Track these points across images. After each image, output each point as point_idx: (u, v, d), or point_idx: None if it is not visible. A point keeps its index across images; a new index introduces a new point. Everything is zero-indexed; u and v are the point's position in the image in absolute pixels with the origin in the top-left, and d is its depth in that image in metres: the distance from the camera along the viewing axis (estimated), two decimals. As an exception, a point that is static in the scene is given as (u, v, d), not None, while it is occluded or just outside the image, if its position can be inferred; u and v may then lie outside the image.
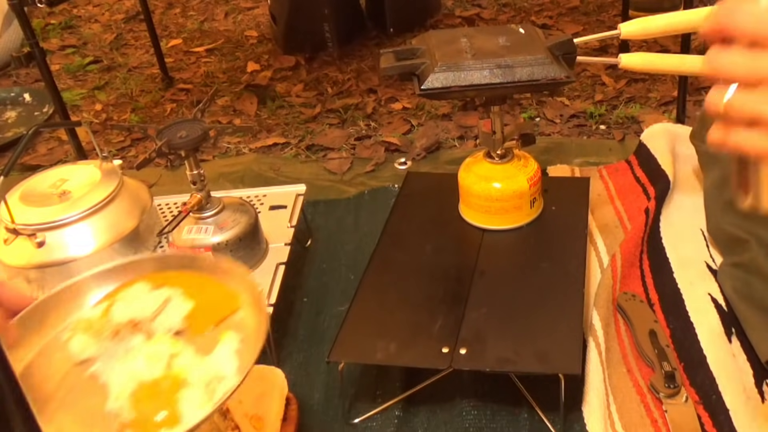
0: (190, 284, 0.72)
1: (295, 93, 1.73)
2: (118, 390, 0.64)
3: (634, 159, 1.31)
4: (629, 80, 1.59)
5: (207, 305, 0.70)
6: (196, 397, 0.62)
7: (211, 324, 0.69)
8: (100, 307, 0.72)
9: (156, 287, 0.72)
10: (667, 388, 0.87)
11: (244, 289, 0.71)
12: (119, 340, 0.68)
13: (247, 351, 0.65)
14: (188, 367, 0.65)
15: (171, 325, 0.69)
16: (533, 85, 0.92)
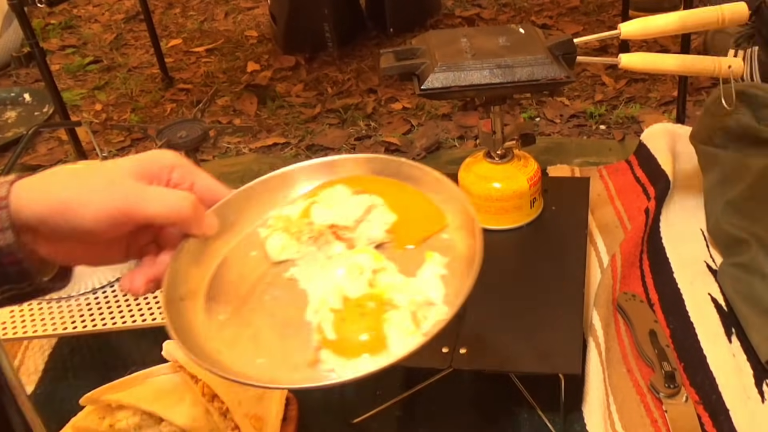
0: (393, 194, 0.66)
1: (295, 93, 1.73)
2: (318, 301, 0.59)
3: (634, 159, 1.31)
4: (629, 80, 1.59)
5: (410, 219, 0.64)
6: (404, 323, 0.56)
7: (414, 240, 0.62)
8: (298, 206, 0.66)
9: (357, 192, 0.66)
10: (667, 388, 0.87)
11: (453, 207, 0.64)
12: (320, 246, 0.63)
13: (454, 279, 0.59)
14: (393, 286, 0.59)
15: (373, 236, 0.63)
16: (533, 85, 0.92)
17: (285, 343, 0.58)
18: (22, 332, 0.96)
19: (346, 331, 0.56)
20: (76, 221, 0.52)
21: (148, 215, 0.54)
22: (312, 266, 0.62)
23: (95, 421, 0.80)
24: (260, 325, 0.59)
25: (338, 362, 0.55)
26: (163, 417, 0.78)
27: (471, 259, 0.59)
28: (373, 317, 0.57)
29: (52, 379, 1.00)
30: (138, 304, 0.98)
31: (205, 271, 0.62)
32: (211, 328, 0.58)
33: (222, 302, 0.61)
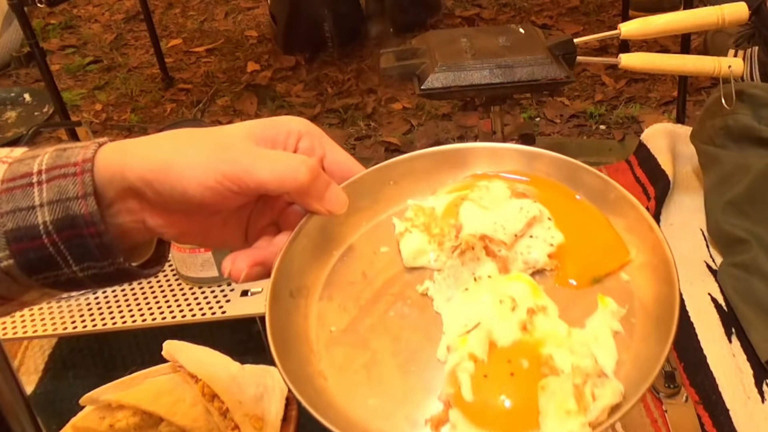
0: (563, 207, 0.52)
1: (295, 93, 1.73)
2: (454, 336, 0.46)
3: (634, 159, 1.31)
4: (629, 80, 1.60)
5: (582, 245, 0.50)
6: (564, 399, 0.42)
7: (581, 276, 0.49)
8: (445, 198, 0.54)
9: (517, 196, 0.53)
10: (667, 388, 0.87)
11: (639, 238, 0.50)
12: (465, 261, 0.50)
13: (631, 340, 0.45)
14: (553, 337, 0.45)
15: (532, 259, 0.50)
16: (533, 85, 0.92)
17: (407, 381, 0.46)
18: (22, 332, 0.96)
19: (487, 394, 0.43)
20: (180, 185, 0.45)
21: (258, 180, 0.45)
22: (453, 285, 0.50)
23: (95, 421, 0.80)
24: (380, 350, 0.48)
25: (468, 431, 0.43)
26: (163, 417, 0.78)
27: (656, 318, 0.45)
28: (525, 382, 0.43)
29: (52, 379, 1.00)
30: (138, 304, 0.98)
31: (324, 264, 0.52)
32: (320, 342, 0.48)
33: (337, 307, 0.50)
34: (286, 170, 0.46)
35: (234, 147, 0.47)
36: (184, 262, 0.99)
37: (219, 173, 0.45)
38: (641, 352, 0.44)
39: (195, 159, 0.45)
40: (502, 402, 0.43)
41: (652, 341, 0.43)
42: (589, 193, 0.53)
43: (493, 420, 0.42)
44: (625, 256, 0.50)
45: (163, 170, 0.45)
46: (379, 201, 0.55)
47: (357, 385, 0.46)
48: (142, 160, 0.45)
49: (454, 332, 0.46)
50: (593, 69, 1.65)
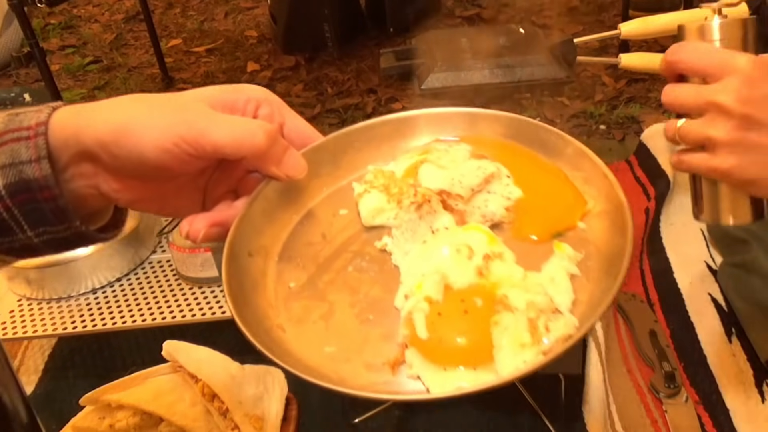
0: (522, 164, 0.54)
1: (295, 93, 1.73)
2: (411, 284, 0.47)
3: (634, 159, 1.31)
4: (629, 80, 1.59)
5: (540, 200, 0.52)
6: (518, 332, 0.43)
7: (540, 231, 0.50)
8: (405, 162, 0.55)
9: (477, 156, 0.54)
10: (667, 388, 0.87)
11: (596, 189, 0.52)
12: (423, 214, 0.51)
13: (588, 282, 0.46)
14: (509, 280, 0.46)
15: (489, 212, 0.51)
16: (533, 85, 0.92)
17: (364, 329, 0.47)
18: (22, 332, 0.96)
19: (441, 332, 0.44)
20: (136, 148, 0.44)
21: (215, 143, 0.45)
22: (410, 239, 0.51)
23: (95, 421, 0.80)
24: (338, 302, 0.48)
25: (426, 369, 0.44)
26: (163, 417, 0.78)
27: (610, 259, 0.46)
28: (479, 318, 0.44)
29: (52, 379, 1.00)
30: (138, 304, 0.98)
31: (283, 226, 0.52)
32: (278, 297, 0.49)
33: (296, 266, 0.51)
34: (244, 134, 0.46)
35: (191, 110, 0.46)
36: (184, 262, 0.99)
37: (176, 135, 0.44)
38: (596, 293, 0.45)
39: (152, 121, 0.45)
40: (456, 338, 0.43)
41: (602, 282, 0.46)
42: (548, 150, 0.55)
43: (447, 356, 0.43)
44: (583, 206, 0.51)
45: (120, 132, 0.44)
46: (340, 167, 0.56)
47: (315, 335, 0.46)
48: (99, 123, 0.45)
49: (411, 280, 0.48)
50: (593, 69, 1.64)
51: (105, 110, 0.46)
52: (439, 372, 0.43)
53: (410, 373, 0.44)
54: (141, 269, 1.05)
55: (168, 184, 0.49)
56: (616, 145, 1.39)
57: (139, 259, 1.05)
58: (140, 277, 1.03)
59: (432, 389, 0.42)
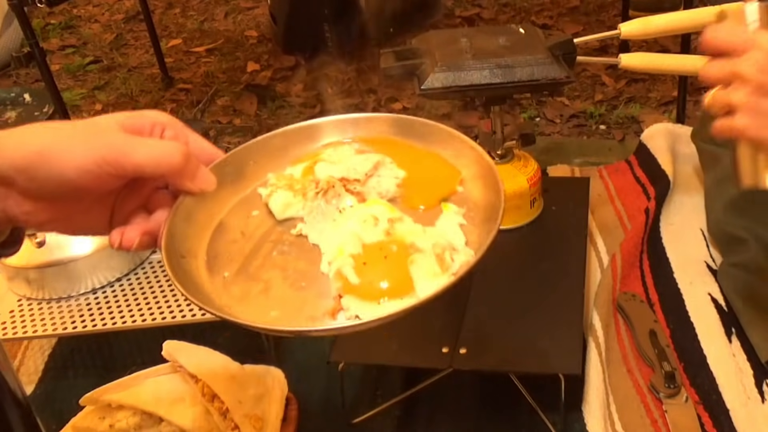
0: (401, 152, 0.64)
1: (295, 93, 1.73)
2: (333, 252, 0.56)
3: (634, 159, 1.31)
4: (629, 80, 1.60)
5: (422, 176, 0.62)
6: (430, 265, 0.54)
7: (427, 202, 0.61)
8: (302, 165, 0.63)
9: (360, 152, 0.64)
10: (667, 388, 0.87)
11: (467, 160, 0.63)
12: (329, 199, 0.60)
13: (474, 227, 0.58)
14: (412, 233, 0.56)
15: (383, 190, 0.61)
16: (533, 85, 0.92)
17: (300, 294, 0.54)
18: (22, 332, 0.96)
19: (369, 275, 0.53)
20: (57, 170, 0.48)
21: (136, 163, 0.50)
22: (321, 221, 0.59)
23: (95, 421, 0.80)
24: (271, 279, 0.56)
25: (362, 306, 0.52)
26: (163, 417, 0.78)
27: (488, 208, 0.58)
28: (397, 260, 0.54)
29: (52, 379, 1.00)
30: (138, 304, 0.98)
31: (203, 232, 0.59)
32: (217, 286, 0.55)
33: (225, 260, 0.58)
34: (162, 154, 0.51)
35: (110, 134, 0.50)
36: (184, 262, 0.99)
37: (98, 157, 0.48)
38: (482, 234, 0.57)
39: (73, 145, 0.48)
40: (383, 276, 0.53)
41: (485, 225, 0.57)
42: (423, 138, 0.65)
43: (378, 293, 0.53)
44: (458, 176, 0.62)
45: (41, 155, 0.47)
46: (244, 178, 0.62)
47: (258, 306, 0.53)
48: (16, 148, 0.48)
49: (331, 250, 0.56)
50: (593, 69, 1.64)
51: (20, 136, 0.49)
52: (373, 306, 0.52)
53: (348, 315, 0.52)
54: (141, 269, 1.05)
55: (78, 204, 0.53)
56: (616, 145, 1.39)
57: (139, 259, 1.05)
58: (140, 277, 1.03)
59: (369, 318, 0.51)
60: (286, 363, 0.98)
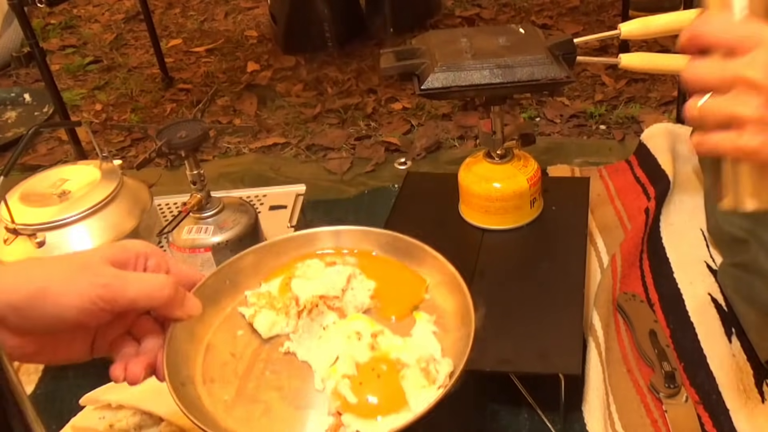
0: (366, 263, 0.69)
1: (295, 93, 1.73)
2: (324, 369, 0.61)
3: (634, 159, 1.31)
4: (629, 80, 1.59)
5: (390, 285, 0.67)
6: (418, 379, 0.59)
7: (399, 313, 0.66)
8: (274, 283, 0.67)
9: (329, 264, 0.69)
10: (667, 388, 0.87)
11: (429, 269, 0.68)
12: (314, 317, 0.64)
13: (446, 334, 0.63)
14: (395, 347, 0.62)
15: (359, 303, 0.66)
16: (533, 85, 0.92)
17: (301, 413, 0.59)
18: (22, 332, 0.96)
19: (365, 394, 0.58)
20: (55, 309, 0.51)
21: (130, 299, 0.54)
22: (308, 338, 0.64)
23: (95, 421, 0.80)
24: (270, 400, 0.60)
25: (363, 424, 0.57)
26: (163, 417, 0.78)
27: (457, 314, 0.63)
28: (388, 378, 0.59)
29: (52, 379, 1.00)
30: (138, 304, 0.98)
31: (196, 356, 0.63)
32: (218, 410, 0.59)
33: (222, 384, 0.61)
34: (154, 288, 0.55)
35: (101, 272, 0.54)
36: (184, 262, 0.99)
37: (95, 295, 0.52)
38: (456, 340, 0.62)
39: (69, 285, 0.52)
40: (378, 395, 0.59)
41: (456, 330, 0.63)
42: (383, 247, 0.70)
43: (375, 410, 0.58)
44: (424, 284, 0.67)
45: (38, 296, 0.50)
46: (222, 298, 0.67)
47: (264, 427, 0.58)
48: (12, 288, 0.50)
49: (322, 367, 0.61)
50: (593, 69, 1.64)
51: (13, 275, 0.52)
52: (372, 423, 0.57)
53: (350, 431, 0.57)
54: (141, 269, 1.05)
55: (64, 337, 0.56)
56: (616, 145, 1.39)
57: (139, 259, 1.05)
58: (140, 277, 1.03)
59: None
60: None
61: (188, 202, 0.98)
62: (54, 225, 0.99)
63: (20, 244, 0.99)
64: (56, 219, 0.99)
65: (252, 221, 1.02)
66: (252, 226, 1.02)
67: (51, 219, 0.99)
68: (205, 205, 1.00)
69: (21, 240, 0.99)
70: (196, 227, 0.99)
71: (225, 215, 1.01)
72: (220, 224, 0.99)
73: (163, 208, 1.20)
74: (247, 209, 1.04)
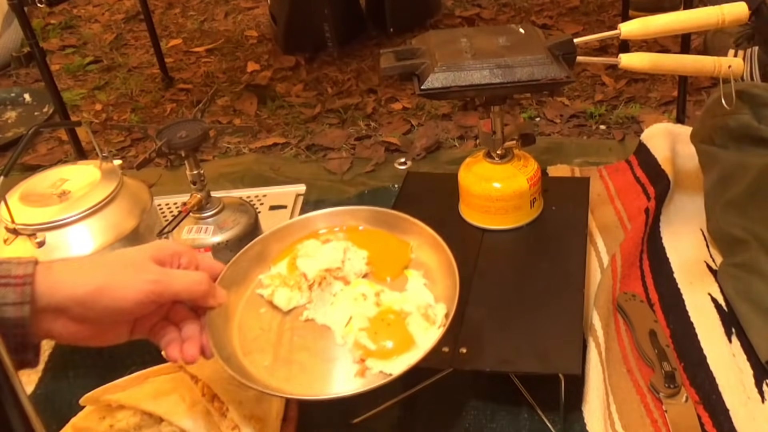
0: (355, 236, 0.81)
1: (295, 93, 1.73)
2: (342, 327, 0.72)
3: (634, 159, 1.31)
4: (629, 80, 1.59)
5: (380, 251, 0.79)
6: (421, 323, 0.71)
7: (393, 273, 0.78)
8: (282, 264, 0.79)
9: (325, 242, 0.80)
10: (667, 388, 0.87)
11: (413, 233, 0.80)
12: (324, 287, 0.76)
13: (435, 285, 0.75)
14: (396, 301, 0.73)
15: (358, 270, 0.77)
16: (533, 85, 0.92)
17: (331, 365, 0.70)
18: (22, 332, 0.96)
19: (381, 340, 0.70)
20: (115, 303, 0.61)
21: (175, 291, 0.65)
22: (322, 306, 0.75)
23: (95, 421, 0.80)
24: (302, 359, 0.71)
25: (384, 364, 0.68)
26: (163, 417, 0.78)
27: (441, 266, 0.76)
28: (397, 324, 0.71)
29: (52, 379, 1.00)
30: (138, 304, 0.98)
31: (231, 334, 0.73)
32: (263, 375, 0.69)
33: (259, 353, 0.71)
34: (194, 283, 0.67)
35: (149, 269, 0.64)
36: (184, 262, 0.99)
37: (148, 290, 0.63)
38: (445, 288, 0.75)
39: (125, 281, 0.62)
40: (392, 340, 0.70)
41: (444, 280, 0.75)
42: (368, 221, 0.82)
43: (392, 352, 0.69)
44: (408, 246, 0.80)
45: (100, 291, 0.60)
46: (241, 284, 0.78)
47: (303, 381, 0.69)
48: (75, 284, 0.60)
49: (340, 326, 0.73)
50: (593, 69, 1.64)
51: (78, 273, 0.61)
52: (392, 362, 0.68)
53: (374, 372, 0.68)
54: (141, 269, 1.05)
55: (113, 323, 0.65)
56: (616, 145, 1.39)
57: (139, 259, 1.05)
58: (140, 277, 1.03)
59: (396, 371, 0.67)
60: (286, 363, 0.99)
61: (188, 202, 0.98)
62: (54, 225, 0.99)
63: (20, 244, 0.99)
64: (56, 219, 0.99)
65: (252, 221, 1.02)
66: (252, 226, 1.02)
67: (51, 219, 0.99)
68: (205, 205, 1.00)
69: (21, 240, 0.99)
70: (196, 227, 0.99)
71: (225, 215, 1.01)
72: (220, 224, 1.00)
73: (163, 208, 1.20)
74: (247, 209, 1.04)
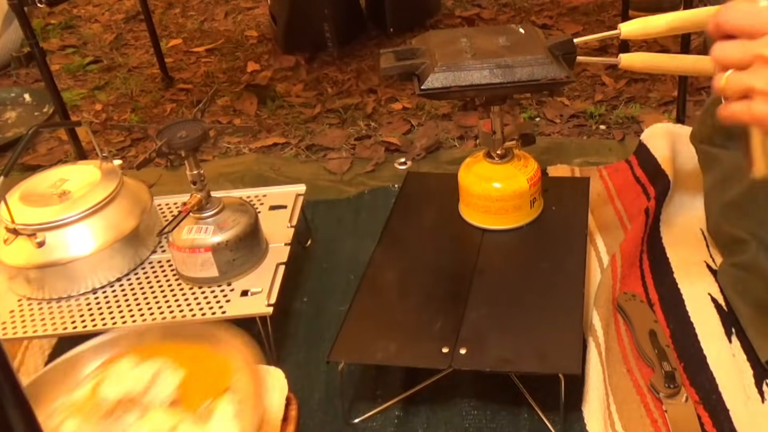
0: (178, 353, 0.72)
1: (295, 93, 1.73)
2: None
3: (634, 159, 1.31)
4: (629, 80, 1.59)
5: (198, 372, 0.70)
6: None
7: (207, 395, 0.68)
8: (86, 387, 0.70)
9: (143, 360, 0.72)
10: (667, 388, 0.87)
11: (235, 352, 0.71)
12: (114, 420, 0.67)
13: (246, 413, 0.66)
14: None
15: (164, 396, 0.68)
16: (533, 85, 0.92)
17: None
18: (22, 332, 0.96)
19: None
20: None
21: None
22: None
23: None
24: None
25: None
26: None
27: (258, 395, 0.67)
28: None
29: (52, 379, 1.00)
30: (138, 304, 0.98)
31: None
32: None
33: None
34: None
35: None
36: (184, 262, 0.99)
37: None
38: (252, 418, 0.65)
39: None
40: None
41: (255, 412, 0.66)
42: (193, 338, 0.72)
43: None
44: (228, 374, 0.69)
45: None
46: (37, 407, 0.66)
47: None
48: None
49: None
50: (593, 69, 1.64)
51: None
52: None
53: None
54: (141, 269, 1.05)
55: None
56: (616, 145, 1.39)
57: (139, 259, 1.05)
58: (140, 277, 1.03)
59: None
60: (286, 363, 0.99)
61: (188, 202, 0.98)
62: (54, 225, 0.99)
63: (20, 244, 0.99)
64: (56, 219, 0.99)
65: (252, 221, 1.02)
66: (252, 226, 1.02)
67: (51, 219, 0.99)
68: (205, 205, 1.00)
69: (21, 240, 0.99)
70: (196, 227, 0.99)
71: (225, 215, 1.01)
72: (220, 224, 0.99)
73: (163, 208, 1.20)
74: (247, 209, 1.04)
